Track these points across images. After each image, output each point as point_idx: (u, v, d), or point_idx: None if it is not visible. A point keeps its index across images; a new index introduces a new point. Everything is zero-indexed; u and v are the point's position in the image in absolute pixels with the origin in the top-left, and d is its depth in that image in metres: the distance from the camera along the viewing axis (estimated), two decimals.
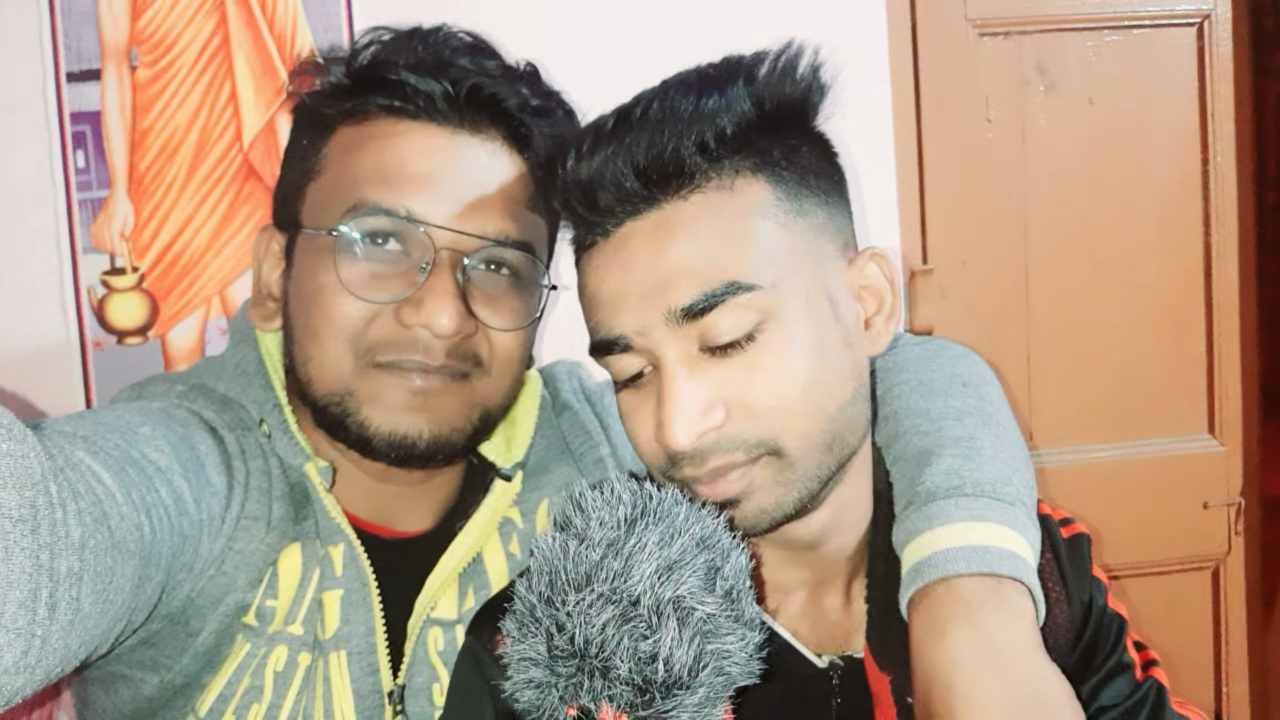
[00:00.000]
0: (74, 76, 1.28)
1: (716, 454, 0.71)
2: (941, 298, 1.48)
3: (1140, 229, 1.51)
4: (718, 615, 0.61)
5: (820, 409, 0.72)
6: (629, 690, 0.59)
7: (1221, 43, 1.49)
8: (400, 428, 0.84)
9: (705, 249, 0.71)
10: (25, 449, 0.56)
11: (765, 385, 0.71)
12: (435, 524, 0.96)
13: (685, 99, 0.71)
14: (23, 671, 0.55)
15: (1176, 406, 1.54)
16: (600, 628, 0.59)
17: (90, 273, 1.29)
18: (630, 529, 0.62)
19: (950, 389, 0.84)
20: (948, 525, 0.72)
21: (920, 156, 1.46)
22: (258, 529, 0.84)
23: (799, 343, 0.72)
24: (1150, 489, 1.53)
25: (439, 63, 0.86)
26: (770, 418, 0.71)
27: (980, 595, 0.68)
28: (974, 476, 0.75)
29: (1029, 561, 0.72)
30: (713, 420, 0.70)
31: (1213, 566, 1.58)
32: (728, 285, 0.70)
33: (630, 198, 0.72)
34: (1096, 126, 1.49)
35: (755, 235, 0.72)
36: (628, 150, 0.70)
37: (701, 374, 0.71)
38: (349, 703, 0.86)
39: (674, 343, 0.71)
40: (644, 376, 0.74)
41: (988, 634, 0.67)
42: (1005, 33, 1.47)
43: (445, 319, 0.82)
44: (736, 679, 0.62)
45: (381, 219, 0.83)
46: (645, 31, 1.34)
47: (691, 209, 0.72)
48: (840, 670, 0.78)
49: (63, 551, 0.57)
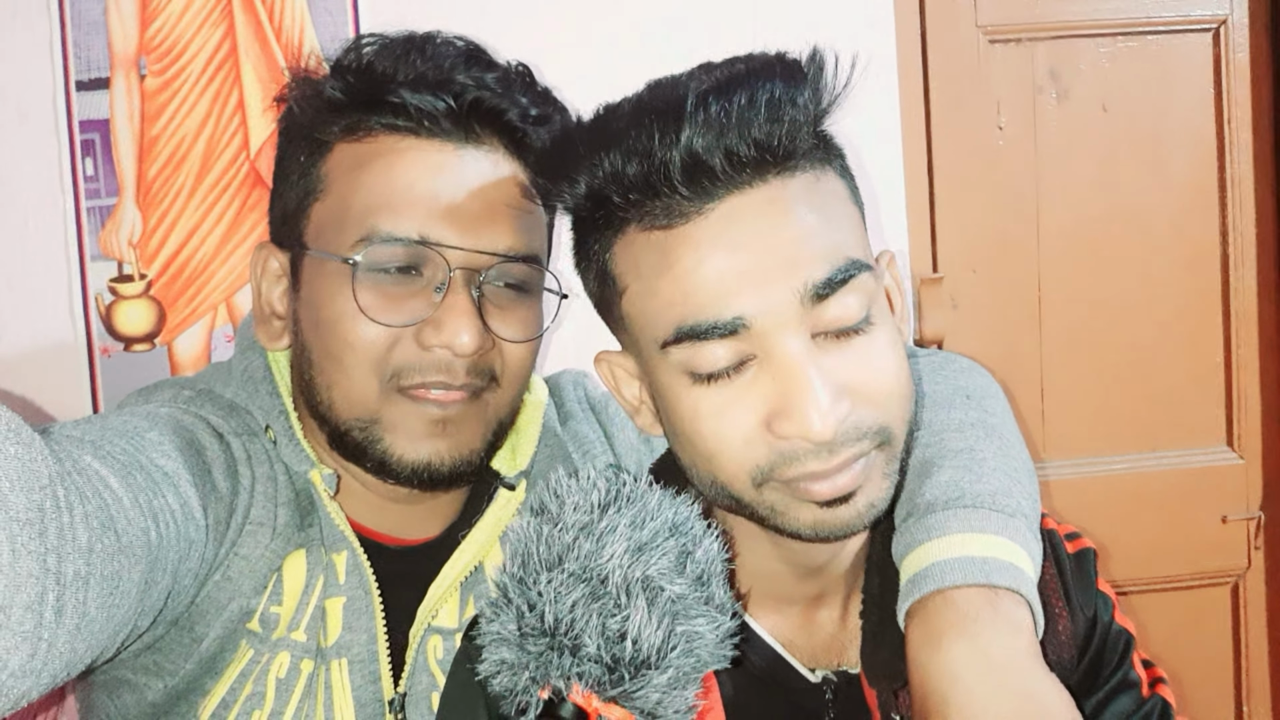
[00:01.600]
0: (83, 85, 1.29)
1: (847, 445, 0.67)
2: (952, 307, 1.46)
3: (1156, 238, 1.50)
4: (687, 596, 0.61)
5: (910, 395, 0.71)
6: (598, 668, 0.60)
7: (1238, 48, 1.48)
8: (423, 455, 0.84)
9: (825, 225, 0.67)
10: (32, 453, 0.56)
11: (882, 371, 0.68)
12: (439, 533, 0.96)
13: (776, 82, 0.67)
14: (29, 675, 0.55)
15: (1194, 418, 1.52)
16: (570, 606, 0.60)
17: (98, 280, 1.30)
18: (603, 513, 0.63)
19: (953, 401, 0.84)
20: (946, 536, 0.71)
21: (930, 164, 1.45)
22: (263, 535, 0.84)
23: (892, 328, 0.71)
24: (1167, 502, 1.51)
25: (439, 78, 0.85)
26: (887, 404, 0.69)
27: (976, 606, 0.67)
28: (974, 488, 0.74)
29: (1028, 573, 0.71)
30: (842, 408, 0.66)
31: (1232, 582, 1.55)
32: (851, 263, 0.67)
33: (742, 168, 0.66)
34: (1111, 134, 1.48)
35: (849, 218, 0.71)
36: (742, 120, 0.65)
37: (824, 358, 0.67)
38: (350, 711, 0.85)
39: (797, 326, 0.66)
40: (733, 371, 0.68)
41: (984, 646, 0.65)
42: (1016, 39, 1.46)
43: (466, 337, 0.82)
44: (707, 662, 0.63)
45: (395, 247, 0.83)
46: (652, 35, 1.34)
47: (799, 186, 0.68)
48: (834, 685, 0.77)
49: (69, 555, 0.57)
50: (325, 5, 1.32)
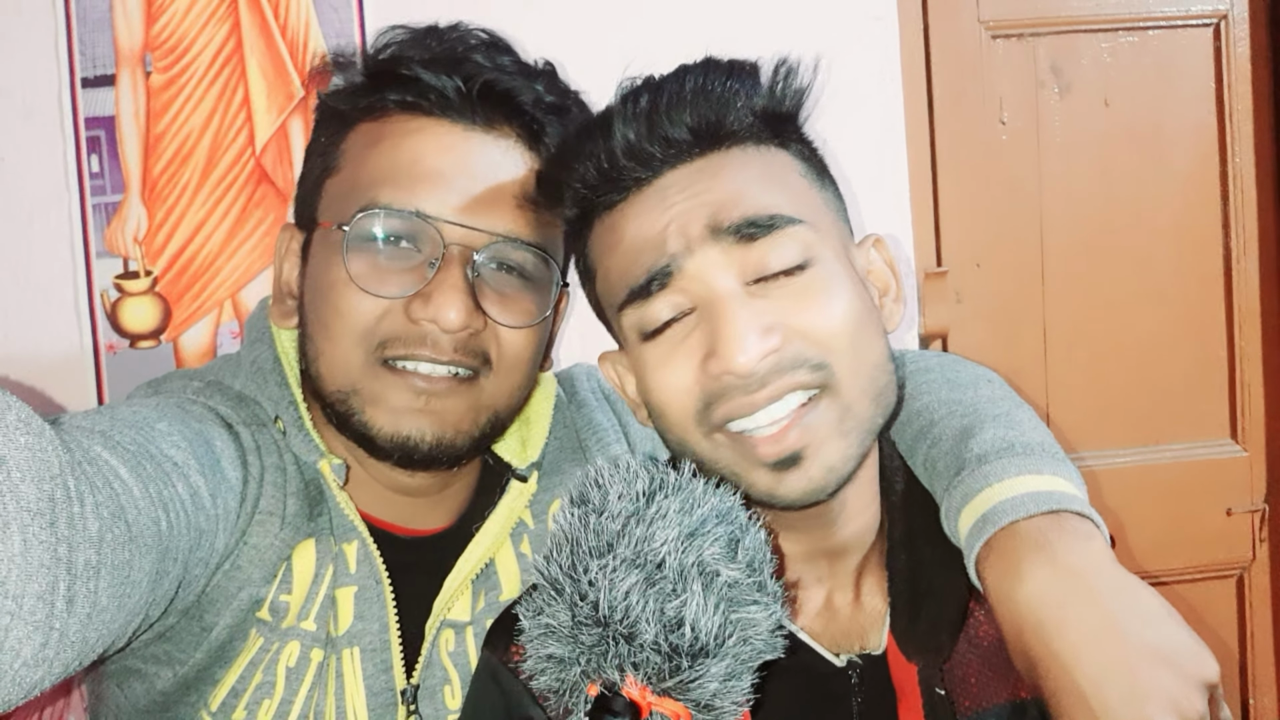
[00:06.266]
0: (89, 82, 1.29)
1: (776, 375, 0.71)
2: (956, 300, 1.46)
3: (1158, 231, 1.50)
4: (741, 582, 0.60)
5: (867, 352, 0.73)
6: (657, 656, 0.57)
7: (1239, 43, 1.48)
8: (403, 430, 0.84)
9: (751, 185, 0.73)
10: (43, 443, 0.56)
11: (819, 311, 0.72)
12: (450, 523, 0.96)
13: (719, 73, 0.75)
14: (41, 664, 0.55)
15: (1197, 410, 1.52)
16: (624, 593, 0.58)
17: (104, 276, 1.29)
18: (650, 500, 0.62)
19: (978, 384, 0.87)
20: (1005, 480, 0.72)
21: (934, 159, 1.45)
22: (272, 524, 0.84)
23: (843, 282, 0.74)
24: (1171, 495, 1.51)
25: (453, 58, 0.86)
26: (828, 342, 0.72)
27: (1045, 531, 0.68)
28: (1022, 439, 0.76)
29: (1085, 499, 0.73)
30: (771, 343, 0.71)
31: (1237, 574, 1.55)
32: (774, 215, 0.72)
33: (676, 146, 0.74)
34: (1112, 128, 1.48)
35: (794, 185, 0.76)
36: (676, 106, 0.73)
37: (755, 300, 0.72)
38: (361, 699, 0.85)
39: (724, 269, 0.72)
40: (678, 324, 0.74)
41: (1061, 561, 0.66)
42: (1019, 34, 1.46)
43: (453, 313, 0.81)
44: (761, 651, 0.61)
45: (391, 218, 0.83)
46: (660, 31, 1.34)
47: (734, 158, 0.75)
48: (859, 668, 0.77)
49: (80, 545, 0.57)
50: (330, 1, 1.32)
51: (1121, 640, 0.62)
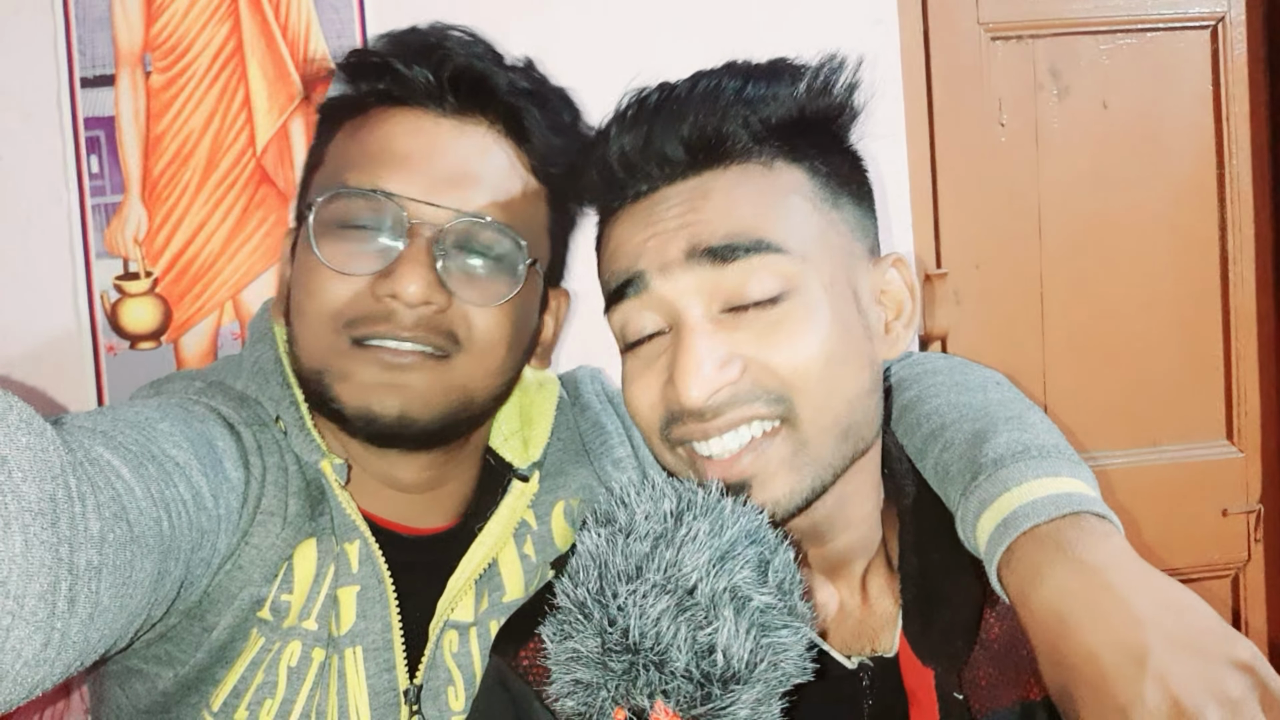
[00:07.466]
0: (88, 82, 1.28)
1: (732, 407, 0.71)
2: (955, 302, 1.47)
3: (1156, 233, 1.51)
4: (774, 606, 0.59)
5: (838, 390, 0.73)
6: (687, 684, 0.56)
7: (1236, 45, 1.49)
8: (369, 404, 0.84)
9: (738, 210, 0.73)
10: (45, 443, 0.56)
11: (786, 347, 0.72)
12: (453, 522, 0.96)
13: (732, 82, 0.74)
14: (43, 664, 0.55)
15: (1194, 412, 1.53)
16: (655, 619, 0.57)
17: (103, 277, 1.29)
18: (678, 521, 0.60)
19: (987, 387, 0.87)
20: (1022, 484, 0.73)
21: (933, 161, 1.46)
22: (274, 524, 0.84)
23: (822, 318, 0.73)
24: (1168, 496, 1.52)
25: (425, 47, 0.87)
26: (790, 378, 0.72)
27: (1063, 533, 0.68)
28: (1036, 442, 0.76)
29: (1100, 499, 0.73)
30: (728, 375, 0.71)
31: (1232, 574, 1.56)
32: (756, 241, 0.71)
33: (671, 164, 0.74)
34: (1111, 130, 1.49)
35: (789, 209, 0.74)
36: (674, 120, 0.73)
37: (722, 331, 0.72)
38: (364, 700, 0.85)
39: (696, 294, 0.72)
40: (655, 340, 0.75)
41: (1081, 561, 0.66)
42: (1018, 36, 1.47)
43: (413, 286, 0.82)
44: (791, 675, 0.60)
45: (354, 197, 0.85)
46: (660, 35, 1.35)
47: (730, 177, 0.74)
48: (870, 671, 0.77)
49: (82, 545, 0.57)
50: (331, 2, 1.32)
51: (1145, 629, 0.62)
